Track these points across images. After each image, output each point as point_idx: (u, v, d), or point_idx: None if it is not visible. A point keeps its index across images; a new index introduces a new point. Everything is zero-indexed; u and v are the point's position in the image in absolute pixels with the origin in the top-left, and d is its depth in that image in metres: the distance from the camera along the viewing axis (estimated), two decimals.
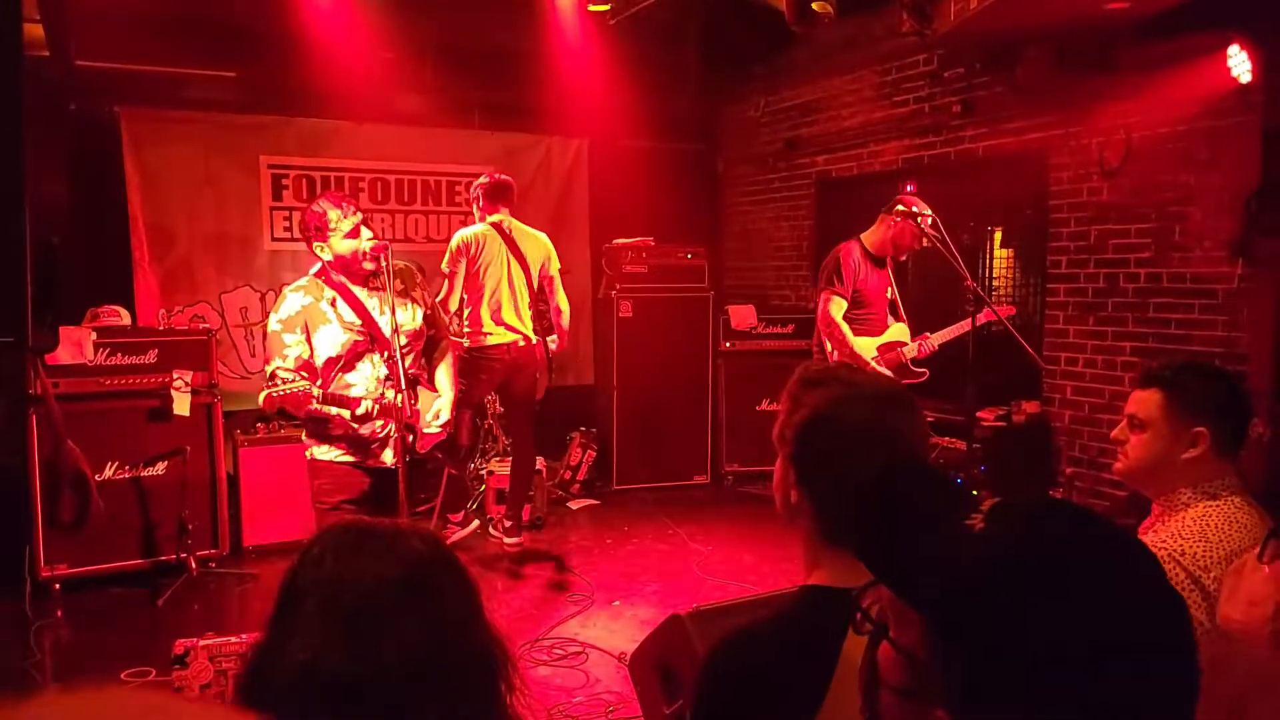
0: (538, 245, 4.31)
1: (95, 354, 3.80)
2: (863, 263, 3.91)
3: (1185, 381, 1.50)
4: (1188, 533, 1.43)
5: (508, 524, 4.32)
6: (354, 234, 2.66)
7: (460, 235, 4.19)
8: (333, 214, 2.63)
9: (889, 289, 4.00)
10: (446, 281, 4.14)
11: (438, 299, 4.09)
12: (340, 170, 5.51)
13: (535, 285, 4.25)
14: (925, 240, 3.81)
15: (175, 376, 3.92)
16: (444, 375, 2.89)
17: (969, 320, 3.74)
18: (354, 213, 2.67)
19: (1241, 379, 3.05)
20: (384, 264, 2.67)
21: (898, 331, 3.98)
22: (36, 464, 3.64)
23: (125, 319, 4.33)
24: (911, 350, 3.90)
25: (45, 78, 4.53)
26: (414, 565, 0.91)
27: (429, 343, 2.91)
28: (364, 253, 2.65)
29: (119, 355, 3.88)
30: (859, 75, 5.26)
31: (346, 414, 2.59)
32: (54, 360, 3.62)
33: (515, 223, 4.29)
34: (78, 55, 4.71)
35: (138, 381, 3.90)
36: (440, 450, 2.87)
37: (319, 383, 2.60)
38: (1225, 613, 1.27)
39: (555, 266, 4.36)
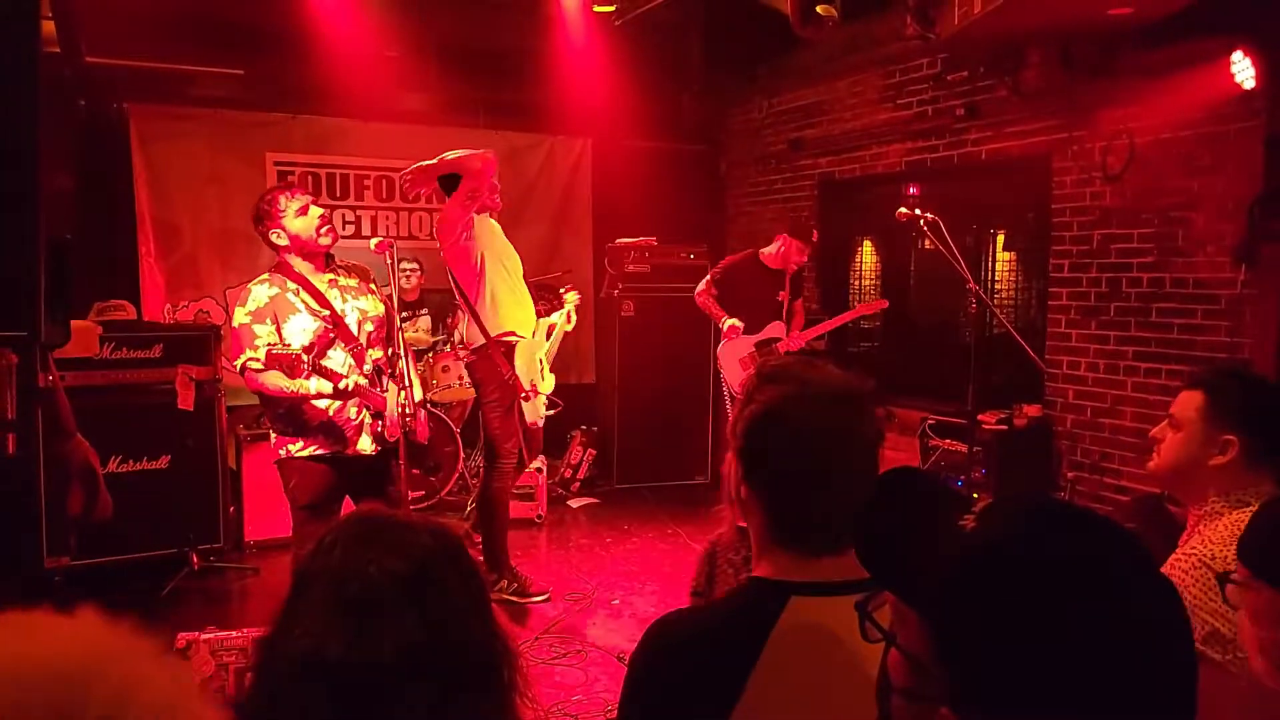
0: None
1: (101, 348, 3.82)
2: (747, 270, 4.60)
3: (1227, 387, 1.47)
4: (1218, 538, 1.40)
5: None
6: (303, 211, 2.71)
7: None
8: (281, 198, 2.71)
9: (781, 295, 4.59)
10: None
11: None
12: (345, 168, 5.54)
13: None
14: (806, 256, 4.58)
15: (180, 371, 3.94)
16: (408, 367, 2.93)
17: (837, 318, 4.69)
18: (301, 195, 2.73)
19: None
20: (334, 236, 2.73)
21: (774, 329, 4.55)
22: (42, 457, 3.66)
23: (131, 313, 4.36)
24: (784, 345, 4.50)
25: (56, 74, 4.56)
26: (421, 560, 0.92)
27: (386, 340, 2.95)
28: (316, 226, 2.71)
29: (124, 349, 3.90)
30: (862, 78, 5.26)
31: (329, 387, 2.62)
32: (60, 354, 3.64)
33: None
34: (88, 52, 4.74)
35: (143, 376, 3.92)
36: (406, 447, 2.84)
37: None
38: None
39: None
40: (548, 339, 4.03)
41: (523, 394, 3.63)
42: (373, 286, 2.85)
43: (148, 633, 0.39)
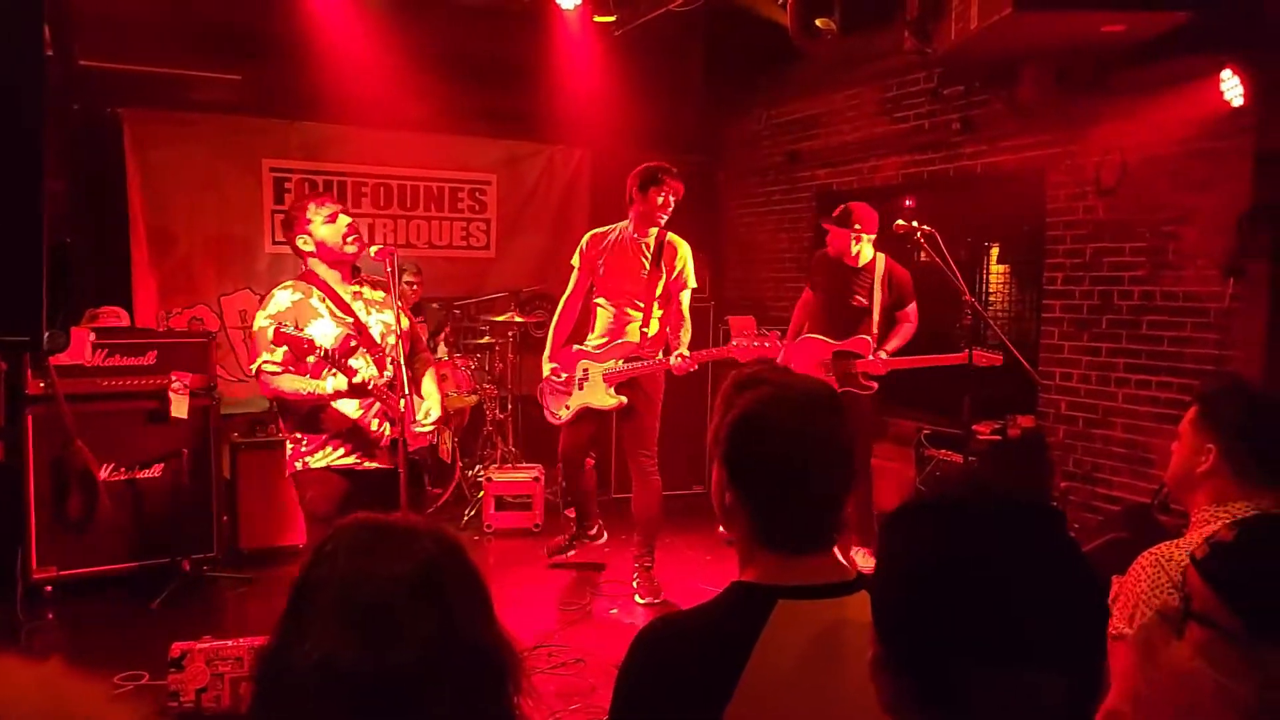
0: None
1: (94, 355, 3.79)
2: (823, 265, 4.21)
3: (1213, 398, 1.53)
4: (1187, 543, 1.42)
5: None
6: (331, 219, 2.72)
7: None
8: (311, 205, 2.73)
9: (856, 298, 4.07)
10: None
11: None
12: (342, 175, 5.53)
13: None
14: (849, 251, 4.01)
15: (173, 378, 3.91)
16: (429, 382, 2.93)
17: (933, 356, 3.95)
18: (330, 203, 2.74)
19: None
20: (361, 245, 2.73)
21: (858, 344, 4.04)
22: (31, 465, 3.63)
23: (125, 320, 4.33)
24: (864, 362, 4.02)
25: (49, 77, 4.54)
26: (425, 564, 0.91)
27: (411, 353, 2.94)
28: (343, 235, 2.72)
29: (118, 356, 3.87)
30: (860, 91, 5.31)
31: (344, 383, 2.60)
32: (54, 361, 3.61)
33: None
34: (81, 55, 4.72)
35: (136, 383, 3.89)
36: (420, 459, 2.84)
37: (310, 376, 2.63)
38: (1136, 687, 1.16)
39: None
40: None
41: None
42: (398, 303, 2.84)
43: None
